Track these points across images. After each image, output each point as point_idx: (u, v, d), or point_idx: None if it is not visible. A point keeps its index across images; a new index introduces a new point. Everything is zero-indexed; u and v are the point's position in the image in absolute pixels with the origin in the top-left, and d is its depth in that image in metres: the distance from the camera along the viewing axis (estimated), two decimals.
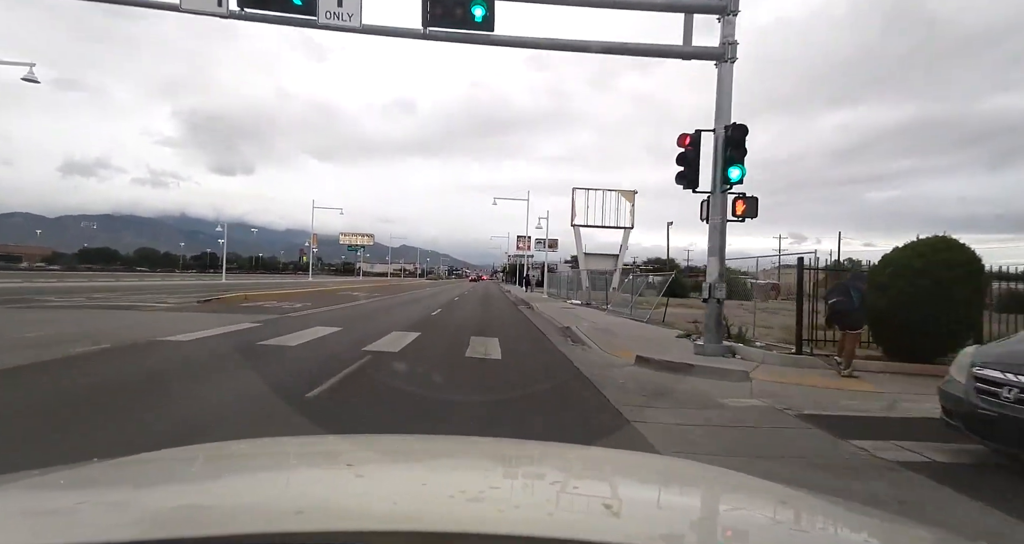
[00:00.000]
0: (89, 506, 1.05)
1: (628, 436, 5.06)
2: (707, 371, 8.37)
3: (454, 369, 8.25)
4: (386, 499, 1.09)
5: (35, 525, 0.94)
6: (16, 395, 5.76)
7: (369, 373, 7.50)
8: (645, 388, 7.27)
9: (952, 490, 3.91)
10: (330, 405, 5.72)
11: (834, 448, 4.94)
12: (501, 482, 1.41)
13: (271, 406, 5.62)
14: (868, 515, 1.39)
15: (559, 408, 6.22)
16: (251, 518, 0.95)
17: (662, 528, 1.07)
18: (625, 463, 1.77)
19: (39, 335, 9.54)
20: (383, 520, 0.94)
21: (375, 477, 1.33)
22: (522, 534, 0.86)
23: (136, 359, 7.93)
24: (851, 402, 6.79)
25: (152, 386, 6.37)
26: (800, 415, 6.05)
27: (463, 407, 6.04)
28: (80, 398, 5.65)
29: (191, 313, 15.70)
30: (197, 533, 0.83)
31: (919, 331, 8.57)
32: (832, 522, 1.26)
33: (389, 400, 6.23)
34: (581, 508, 1.18)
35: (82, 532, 0.88)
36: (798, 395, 7.07)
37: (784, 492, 1.45)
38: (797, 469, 4.29)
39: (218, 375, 7.16)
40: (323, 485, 1.25)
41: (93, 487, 1.22)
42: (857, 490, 3.79)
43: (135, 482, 1.27)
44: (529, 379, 7.94)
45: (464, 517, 0.98)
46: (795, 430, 5.53)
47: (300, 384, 6.43)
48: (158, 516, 0.98)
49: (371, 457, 1.60)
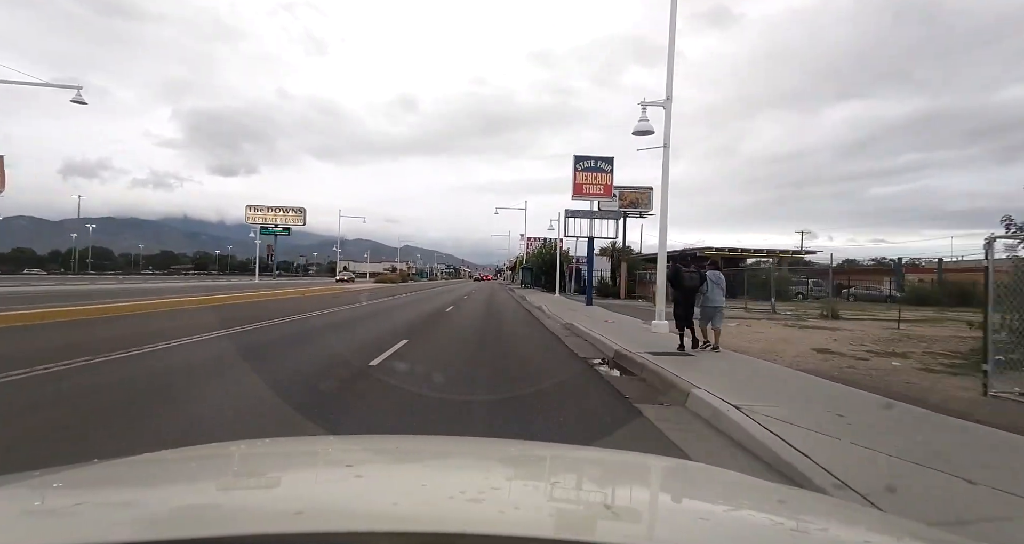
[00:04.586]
0: (89, 507, 1.05)
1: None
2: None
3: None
4: (386, 500, 1.10)
5: (35, 525, 0.96)
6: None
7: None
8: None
9: None
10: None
11: None
12: (501, 483, 1.38)
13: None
14: (868, 515, 1.59)
15: None
16: (251, 519, 0.98)
17: (662, 529, 1.09)
18: (625, 463, 1.74)
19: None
20: (383, 521, 0.94)
21: (375, 477, 1.34)
22: (522, 535, 0.87)
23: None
24: None
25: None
26: None
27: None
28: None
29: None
30: (196, 534, 0.84)
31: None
32: (832, 522, 1.24)
33: None
34: (581, 509, 1.19)
35: (82, 532, 0.89)
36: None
37: (784, 492, 1.59)
38: None
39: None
40: (323, 486, 1.27)
41: (93, 487, 1.23)
42: None
43: (135, 483, 1.28)
44: None
45: (464, 517, 0.98)
46: None
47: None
48: (158, 517, 1.00)
49: (371, 457, 1.61)
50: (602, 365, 8.79)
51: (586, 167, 25.78)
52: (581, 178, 25.81)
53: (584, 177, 25.77)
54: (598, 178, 25.76)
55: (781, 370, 7.97)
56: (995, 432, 4.72)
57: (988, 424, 4.95)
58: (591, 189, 25.76)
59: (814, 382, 7.02)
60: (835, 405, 5.50)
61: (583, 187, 25.83)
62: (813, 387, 6.70)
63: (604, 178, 25.83)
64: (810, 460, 3.80)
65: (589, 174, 25.75)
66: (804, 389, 6.55)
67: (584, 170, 25.77)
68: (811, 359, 9.37)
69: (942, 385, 7.24)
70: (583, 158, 25.96)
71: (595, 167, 25.80)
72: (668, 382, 6.76)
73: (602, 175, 25.80)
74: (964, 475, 3.55)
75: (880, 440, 4.27)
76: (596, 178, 25.76)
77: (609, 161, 25.99)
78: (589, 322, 15.59)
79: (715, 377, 6.80)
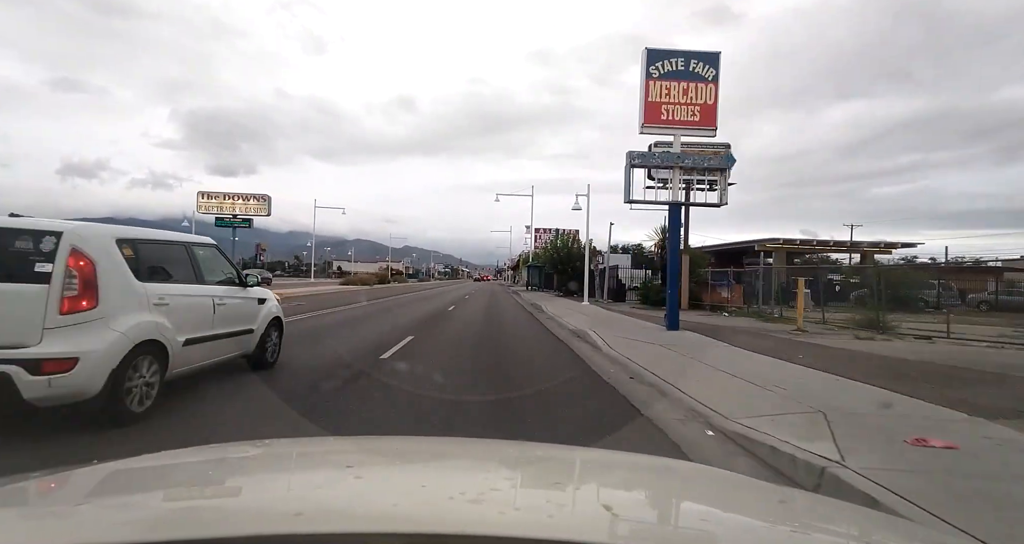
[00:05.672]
0: (89, 507, 1.06)
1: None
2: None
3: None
4: (386, 500, 1.09)
5: (36, 526, 0.96)
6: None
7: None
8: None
9: None
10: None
11: None
12: (501, 483, 1.38)
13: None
14: (867, 515, 1.46)
15: None
16: (250, 520, 0.98)
17: (661, 529, 1.10)
18: (625, 464, 1.73)
19: None
20: (383, 521, 0.94)
21: (375, 478, 1.34)
22: (522, 536, 0.87)
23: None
24: None
25: None
26: None
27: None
28: None
29: None
30: (196, 535, 0.85)
31: None
32: (831, 522, 1.24)
33: None
34: (581, 509, 1.19)
35: (82, 533, 0.90)
36: None
37: (784, 492, 1.53)
38: None
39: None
40: (323, 486, 1.26)
41: (93, 488, 1.22)
42: None
43: (135, 483, 1.29)
44: None
45: (464, 518, 0.98)
46: None
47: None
48: (158, 518, 1.01)
49: (371, 458, 1.60)
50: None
51: (668, 73, 13.58)
52: (658, 92, 13.59)
53: (665, 90, 13.52)
54: (690, 92, 13.59)
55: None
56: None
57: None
58: (676, 113, 13.55)
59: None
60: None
61: (661, 109, 13.56)
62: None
63: (702, 92, 13.67)
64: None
65: (673, 85, 13.57)
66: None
67: (665, 78, 13.58)
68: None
69: None
70: (660, 53, 13.76)
71: (686, 72, 13.59)
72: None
73: (699, 87, 13.61)
74: None
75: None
76: (686, 91, 13.58)
77: (712, 59, 13.78)
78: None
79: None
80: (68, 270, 4.35)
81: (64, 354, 4.22)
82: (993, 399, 6.21)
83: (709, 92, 13.58)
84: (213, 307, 6.07)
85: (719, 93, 13.62)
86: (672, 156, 13.60)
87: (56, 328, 4.25)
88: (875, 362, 9.20)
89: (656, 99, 13.56)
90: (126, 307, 4.75)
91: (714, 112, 13.59)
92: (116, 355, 4.52)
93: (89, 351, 4.31)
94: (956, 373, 8.23)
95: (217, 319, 6.10)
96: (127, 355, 4.60)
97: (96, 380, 4.34)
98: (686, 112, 13.59)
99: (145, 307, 4.95)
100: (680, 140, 13.77)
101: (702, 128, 13.70)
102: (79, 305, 4.39)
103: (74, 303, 4.36)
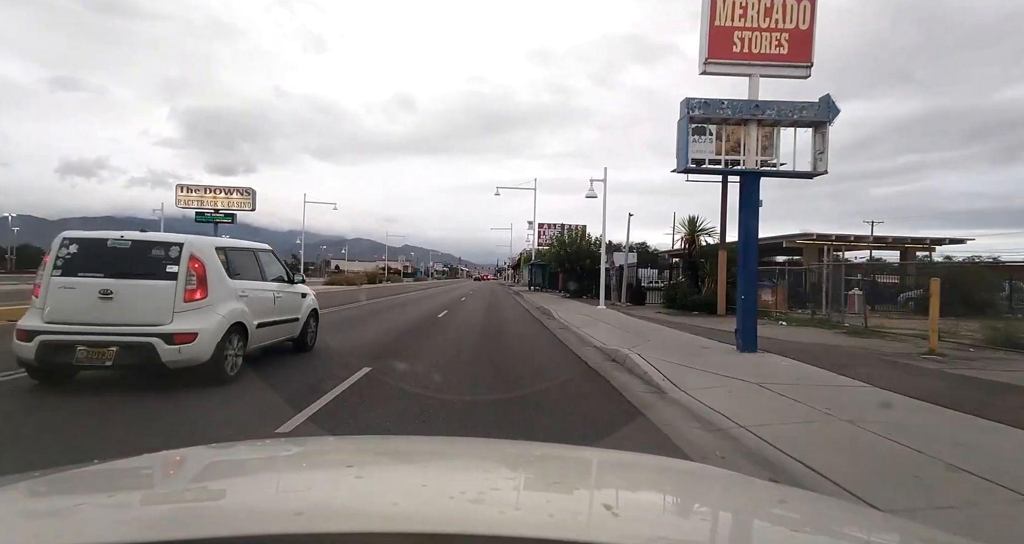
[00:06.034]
0: (89, 507, 1.04)
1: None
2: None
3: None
4: (386, 500, 1.09)
5: (36, 526, 0.95)
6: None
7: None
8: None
9: None
10: None
11: None
12: (502, 483, 1.37)
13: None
14: (868, 515, 1.49)
15: None
16: (251, 519, 0.97)
17: (662, 529, 1.07)
18: (625, 464, 1.71)
19: None
20: (383, 521, 0.93)
21: (375, 478, 1.33)
22: (523, 535, 0.86)
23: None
24: None
25: None
26: None
27: None
28: None
29: None
30: (197, 534, 0.83)
31: None
32: (831, 522, 1.22)
33: None
34: (581, 509, 1.18)
35: (82, 533, 0.89)
36: None
37: (784, 492, 1.54)
38: None
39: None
40: (323, 486, 1.25)
41: (93, 488, 1.22)
42: None
43: (135, 483, 1.29)
44: None
45: (465, 518, 0.98)
46: None
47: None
48: (158, 517, 1.00)
49: (371, 458, 1.59)
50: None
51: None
52: (729, 11, 9.47)
53: (740, 7, 9.47)
54: (775, 10, 9.51)
55: None
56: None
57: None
58: (754, 43, 9.47)
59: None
60: None
61: (734, 36, 9.56)
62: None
63: (793, 10, 9.57)
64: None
65: (747, 2, 9.50)
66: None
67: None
68: None
69: None
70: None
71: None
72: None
73: (787, 2, 9.56)
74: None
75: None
76: (770, 10, 9.52)
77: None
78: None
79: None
80: (188, 271, 6.27)
81: (188, 330, 6.09)
82: None
83: (803, 11, 9.43)
84: (273, 299, 7.97)
85: (816, 13, 9.48)
86: (748, 105, 9.44)
87: (182, 312, 6.13)
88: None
89: (725, 23, 9.41)
90: (224, 298, 6.66)
91: (810, 40, 9.43)
92: (220, 332, 6.40)
93: (204, 328, 6.20)
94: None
95: (276, 309, 8.03)
96: (226, 332, 6.48)
97: (208, 349, 6.21)
98: (769, 41, 9.44)
99: (234, 298, 6.88)
100: (759, 81, 9.62)
101: (792, 64, 9.52)
102: (195, 296, 6.30)
103: (192, 294, 6.27)
